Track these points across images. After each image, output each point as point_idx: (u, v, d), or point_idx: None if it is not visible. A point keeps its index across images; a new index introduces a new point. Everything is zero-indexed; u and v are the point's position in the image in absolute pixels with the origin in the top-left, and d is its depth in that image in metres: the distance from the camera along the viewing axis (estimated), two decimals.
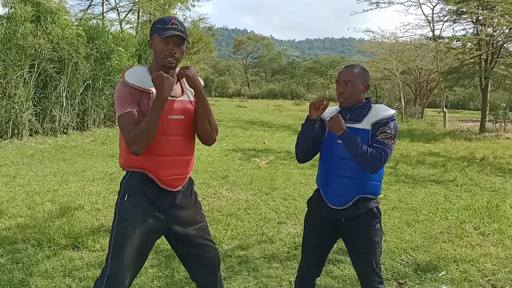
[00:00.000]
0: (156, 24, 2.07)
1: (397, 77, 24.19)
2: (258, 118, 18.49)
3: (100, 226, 4.21)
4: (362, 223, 2.27)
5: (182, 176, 2.14)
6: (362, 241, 2.27)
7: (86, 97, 11.41)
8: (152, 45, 2.08)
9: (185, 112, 2.12)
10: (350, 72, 2.28)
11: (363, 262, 2.30)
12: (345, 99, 2.28)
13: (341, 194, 2.25)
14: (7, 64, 9.13)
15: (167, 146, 2.06)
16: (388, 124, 2.22)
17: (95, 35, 11.74)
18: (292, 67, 63.38)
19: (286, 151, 9.55)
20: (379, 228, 2.30)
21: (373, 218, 2.28)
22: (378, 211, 2.31)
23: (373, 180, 2.26)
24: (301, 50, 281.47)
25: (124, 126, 1.96)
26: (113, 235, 2.06)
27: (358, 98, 2.28)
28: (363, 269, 2.31)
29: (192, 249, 2.22)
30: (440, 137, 13.74)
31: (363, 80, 2.28)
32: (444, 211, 5.24)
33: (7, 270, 3.21)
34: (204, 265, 2.26)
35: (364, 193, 2.25)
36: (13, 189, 5.47)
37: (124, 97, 1.99)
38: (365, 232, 2.27)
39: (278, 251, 3.83)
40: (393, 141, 2.21)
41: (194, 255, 2.23)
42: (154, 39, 2.06)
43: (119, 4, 25.63)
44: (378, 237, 2.30)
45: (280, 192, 5.84)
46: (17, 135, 9.46)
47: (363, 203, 2.26)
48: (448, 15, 16.88)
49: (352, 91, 2.26)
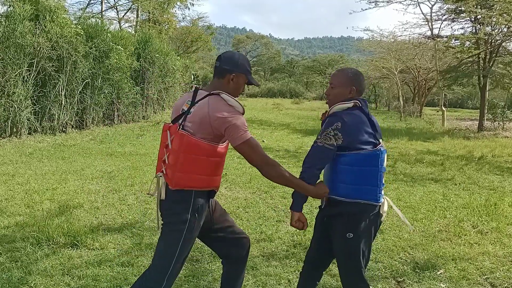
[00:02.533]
0: (246, 65, 2.29)
1: (396, 76, 24.21)
2: (257, 117, 18.49)
3: (99, 225, 4.22)
4: (335, 227, 2.26)
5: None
6: (335, 246, 2.29)
7: (85, 96, 11.41)
8: (235, 80, 2.25)
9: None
10: (336, 75, 2.36)
11: (340, 266, 2.32)
12: (329, 100, 2.35)
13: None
14: (6, 63, 9.13)
15: (222, 165, 2.32)
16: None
17: (94, 33, 11.74)
18: (291, 66, 63.36)
19: (285, 149, 9.56)
20: (351, 238, 2.18)
21: (344, 225, 2.20)
22: (353, 220, 2.19)
23: (339, 181, 2.21)
24: (300, 49, 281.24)
25: (257, 147, 2.16)
26: (177, 250, 2.14)
27: (340, 100, 2.28)
28: (341, 272, 2.32)
29: (226, 233, 2.43)
30: (438, 136, 13.76)
31: (349, 84, 2.29)
32: (442, 209, 5.25)
33: (6, 269, 3.21)
34: (240, 244, 2.47)
35: (332, 194, 2.23)
36: (12, 188, 5.47)
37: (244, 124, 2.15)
38: (337, 238, 2.26)
39: (277, 249, 3.84)
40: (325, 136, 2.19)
41: (229, 238, 2.44)
42: (241, 78, 2.27)
43: (118, 3, 25.58)
44: (352, 248, 2.20)
45: (279, 191, 5.84)
46: (15, 133, 9.46)
47: (333, 205, 2.25)
48: (446, 14, 16.88)
49: (335, 93, 2.32)
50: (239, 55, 2.31)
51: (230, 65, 2.24)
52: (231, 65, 2.24)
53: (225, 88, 2.23)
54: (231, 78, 2.23)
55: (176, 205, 2.14)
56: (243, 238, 2.47)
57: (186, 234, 2.12)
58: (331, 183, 2.24)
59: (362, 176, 2.18)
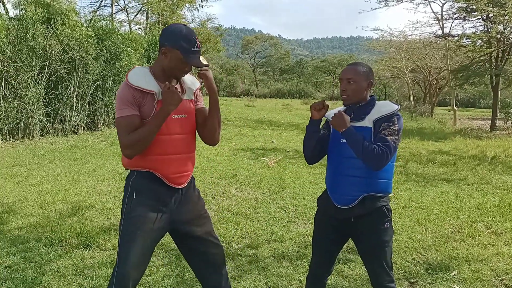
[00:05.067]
0: (180, 39, 2.02)
1: (406, 76, 24.02)
2: (266, 118, 18.48)
3: (111, 225, 4.25)
4: (371, 222, 2.25)
5: (186, 173, 2.19)
6: (371, 240, 2.26)
7: (96, 98, 11.49)
8: (167, 55, 2.05)
9: (186, 111, 2.16)
10: (352, 69, 2.28)
11: (373, 261, 2.29)
12: (347, 96, 2.27)
13: (347, 193, 2.24)
14: (19, 65, 9.23)
15: (171, 145, 2.10)
16: (391, 119, 2.19)
17: (105, 36, 11.82)
18: (300, 66, 63.23)
19: (295, 150, 9.54)
20: (388, 227, 2.27)
21: (382, 217, 2.25)
22: (388, 210, 2.28)
23: (381, 178, 2.23)
24: (309, 49, 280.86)
25: (121, 129, 1.99)
26: (121, 233, 2.10)
27: (360, 96, 2.27)
28: (373, 268, 2.30)
29: (196, 245, 2.25)
30: (450, 136, 13.62)
31: (366, 77, 2.26)
32: (455, 210, 5.19)
33: (20, 269, 3.24)
34: (209, 262, 2.28)
35: (371, 192, 2.22)
36: (25, 189, 5.53)
37: (126, 99, 2.01)
38: (374, 232, 2.25)
39: (288, 250, 3.83)
40: (396, 137, 2.17)
41: (198, 251, 2.26)
42: (173, 53, 2.03)
43: (128, 5, 25.79)
44: (388, 236, 2.27)
45: (289, 191, 5.83)
46: (28, 135, 9.57)
47: (370, 202, 2.23)
48: (457, 13, 16.70)
49: (354, 89, 2.25)
50: (178, 27, 2.07)
51: (162, 37, 2.06)
52: (163, 38, 2.06)
53: (159, 63, 2.09)
54: (162, 52, 2.05)
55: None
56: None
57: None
58: (369, 180, 2.21)
59: (392, 171, 2.30)
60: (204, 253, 2.26)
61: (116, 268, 2.05)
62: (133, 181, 2.13)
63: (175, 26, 2.09)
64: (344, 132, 2.18)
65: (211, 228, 2.31)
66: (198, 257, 2.28)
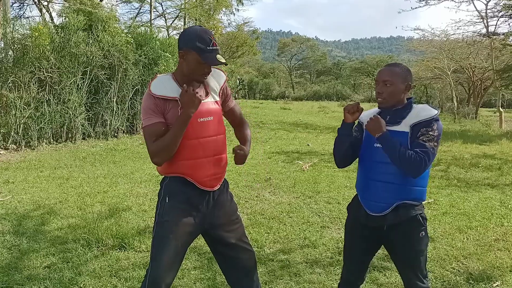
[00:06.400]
0: (195, 40, 2.00)
1: (449, 76, 23.22)
2: (302, 120, 18.34)
3: (146, 227, 4.32)
4: (405, 232, 2.15)
5: (218, 175, 2.19)
6: (405, 250, 2.17)
7: (135, 102, 11.80)
8: (185, 58, 2.05)
9: (212, 113, 2.16)
10: (389, 71, 2.17)
11: (407, 270, 2.21)
12: (383, 99, 2.17)
13: (379, 200, 2.15)
14: (62, 71, 9.64)
15: (201, 148, 2.10)
16: (430, 125, 2.08)
17: (143, 41, 12.12)
18: (338, 68, 62.49)
19: (330, 153, 9.37)
20: (424, 236, 2.17)
21: (417, 227, 2.16)
22: (422, 218, 2.18)
23: (415, 185, 2.13)
24: (347, 50, 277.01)
25: (148, 137, 2.03)
26: (153, 237, 2.12)
27: (397, 99, 2.16)
28: (407, 275, 2.22)
29: (227, 250, 2.24)
30: (495, 138, 13.01)
31: (403, 79, 2.16)
32: (499, 217, 4.93)
33: (58, 269, 3.35)
34: (240, 267, 2.27)
35: (405, 199, 2.13)
36: (66, 191, 5.73)
37: (148, 108, 2.04)
38: (408, 241, 2.16)
39: (321, 256, 3.75)
40: (435, 143, 2.07)
41: (229, 256, 2.25)
42: (191, 55, 2.02)
43: (166, 11, 26.37)
44: (423, 245, 2.18)
45: (324, 196, 5.74)
46: (70, 138, 9.96)
47: (405, 210, 2.14)
48: (503, 10, 15.98)
49: (391, 91, 2.14)
50: (193, 29, 2.06)
51: (179, 42, 2.06)
52: (180, 42, 2.05)
53: (180, 68, 2.10)
54: (180, 55, 2.06)
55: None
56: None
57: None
58: (403, 187, 2.12)
59: (427, 178, 2.21)
60: (235, 258, 2.26)
61: (149, 271, 2.09)
62: (166, 185, 2.16)
63: (190, 29, 2.09)
64: (380, 137, 2.09)
65: (242, 233, 2.29)
66: (228, 262, 2.28)
